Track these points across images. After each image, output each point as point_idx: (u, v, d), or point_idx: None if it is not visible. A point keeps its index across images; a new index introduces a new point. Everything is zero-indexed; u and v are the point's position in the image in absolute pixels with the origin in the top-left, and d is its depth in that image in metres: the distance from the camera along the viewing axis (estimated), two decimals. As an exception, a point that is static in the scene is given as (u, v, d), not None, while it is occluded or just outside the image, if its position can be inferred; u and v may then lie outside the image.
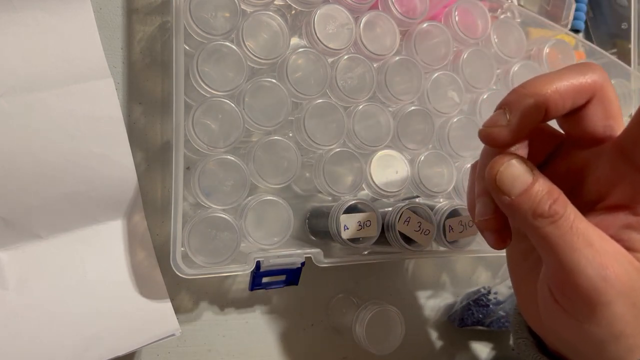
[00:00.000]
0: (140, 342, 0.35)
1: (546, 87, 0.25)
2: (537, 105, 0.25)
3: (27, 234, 0.34)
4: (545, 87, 0.25)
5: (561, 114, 0.26)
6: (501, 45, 0.43)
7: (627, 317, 0.25)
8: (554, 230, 0.24)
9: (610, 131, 0.27)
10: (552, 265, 0.25)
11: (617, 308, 0.24)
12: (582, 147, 0.28)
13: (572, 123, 0.27)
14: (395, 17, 0.39)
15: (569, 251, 0.24)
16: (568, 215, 0.24)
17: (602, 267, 0.24)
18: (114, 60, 0.37)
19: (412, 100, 0.40)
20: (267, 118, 0.35)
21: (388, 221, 0.38)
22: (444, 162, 0.41)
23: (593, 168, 0.28)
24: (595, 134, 0.27)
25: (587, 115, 0.26)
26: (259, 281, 0.37)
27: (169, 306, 0.37)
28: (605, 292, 0.24)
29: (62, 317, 0.34)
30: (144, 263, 0.37)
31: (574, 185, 0.28)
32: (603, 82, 0.26)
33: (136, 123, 0.38)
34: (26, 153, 0.33)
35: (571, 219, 0.24)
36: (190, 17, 0.33)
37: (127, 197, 0.36)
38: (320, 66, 0.37)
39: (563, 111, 0.26)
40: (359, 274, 0.46)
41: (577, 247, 0.24)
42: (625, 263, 0.25)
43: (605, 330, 0.25)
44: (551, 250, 0.24)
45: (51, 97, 0.33)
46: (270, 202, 0.35)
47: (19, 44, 0.32)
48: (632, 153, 0.25)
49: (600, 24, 0.58)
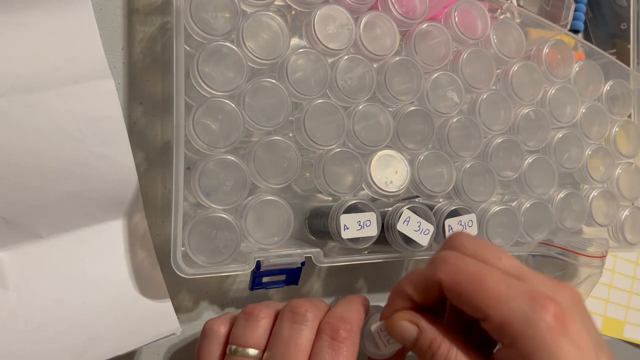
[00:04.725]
0: (140, 341, 0.35)
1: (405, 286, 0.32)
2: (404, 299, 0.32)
3: (27, 234, 0.34)
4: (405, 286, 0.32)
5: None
6: (501, 45, 0.44)
7: None
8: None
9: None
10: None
11: None
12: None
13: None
14: (395, 17, 0.39)
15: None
16: (449, 354, 0.29)
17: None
18: (115, 61, 0.37)
19: (411, 100, 0.40)
20: (267, 118, 0.35)
21: (388, 221, 0.38)
22: (444, 162, 0.41)
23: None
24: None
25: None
26: (259, 281, 0.37)
27: (169, 305, 0.37)
28: None
29: (62, 316, 0.34)
30: (144, 263, 0.37)
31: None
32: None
33: (136, 123, 0.38)
34: (26, 153, 0.33)
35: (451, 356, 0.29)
36: (191, 18, 0.33)
37: (128, 197, 0.36)
38: (320, 66, 0.37)
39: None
40: (359, 274, 0.46)
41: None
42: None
43: None
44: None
45: (51, 97, 0.33)
46: (270, 202, 0.36)
47: (20, 44, 0.32)
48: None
49: (600, 24, 0.58)
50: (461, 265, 0.29)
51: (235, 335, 0.33)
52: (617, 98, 0.53)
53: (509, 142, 0.44)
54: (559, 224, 0.47)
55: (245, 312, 0.34)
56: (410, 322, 0.31)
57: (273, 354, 0.32)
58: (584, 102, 0.49)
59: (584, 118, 0.49)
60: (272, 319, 0.34)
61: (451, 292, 0.29)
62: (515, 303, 0.26)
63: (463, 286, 0.28)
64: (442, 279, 0.29)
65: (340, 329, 0.32)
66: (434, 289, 0.30)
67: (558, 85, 0.47)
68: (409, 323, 0.31)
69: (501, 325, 0.27)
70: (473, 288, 0.28)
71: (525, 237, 0.45)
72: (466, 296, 0.28)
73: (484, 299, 0.27)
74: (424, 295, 0.31)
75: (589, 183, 0.50)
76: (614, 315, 0.61)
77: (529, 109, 0.45)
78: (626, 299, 0.62)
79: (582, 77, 0.49)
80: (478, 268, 0.28)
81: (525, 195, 0.46)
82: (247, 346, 0.33)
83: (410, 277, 0.31)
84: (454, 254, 0.30)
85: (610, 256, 0.61)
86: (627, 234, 0.52)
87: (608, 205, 0.51)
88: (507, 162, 0.44)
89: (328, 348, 0.31)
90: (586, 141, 0.49)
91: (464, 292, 0.28)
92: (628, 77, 0.53)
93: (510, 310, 0.26)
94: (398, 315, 0.31)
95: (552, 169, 0.46)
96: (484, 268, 0.28)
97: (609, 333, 0.61)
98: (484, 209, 0.43)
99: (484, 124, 0.43)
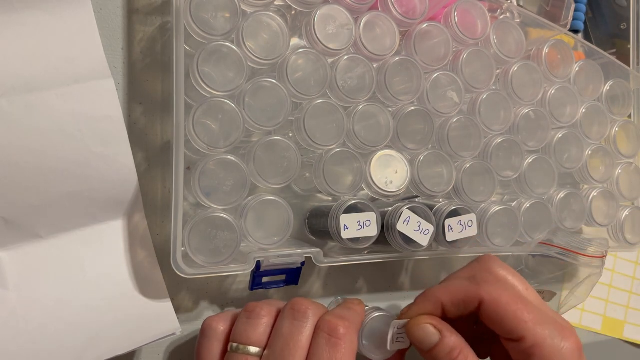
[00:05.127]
0: (140, 341, 0.35)
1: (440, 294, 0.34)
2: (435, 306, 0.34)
3: (27, 234, 0.34)
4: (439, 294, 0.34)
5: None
6: (501, 45, 0.44)
7: None
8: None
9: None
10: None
11: None
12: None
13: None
14: (395, 17, 0.39)
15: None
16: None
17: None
18: (115, 61, 0.37)
19: (411, 100, 0.40)
20: (267, 118, 0.35)
21: (388, 221, 0.38)
22: (444, 162, 0.41)
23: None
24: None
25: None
26: (259, 281, 0.37)
27: (169, 305, 0.37)
28: None
29: (62, 316, 0.34)
30: (144, 263, 0.37)
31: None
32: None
33: (136, 123, 0.38)
34: (26, 153, 0.33)
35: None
36: (191, 18, 0.33)
37: (128, 197, 0.36)
38: (320, 66, 0.37)
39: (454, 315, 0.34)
40: (359, 274, 0.46)
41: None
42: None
43: None
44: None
45: (52, 97, 0.33)
46: (270, 202, 0.36)
47: (20, 44, 0.32)
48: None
49: (600, 24, 0.58)
50: (501, 288, 0.32)
51: (236, 332, 0.33)
52: (617, 98, 0.53)
53: (509, 142, 0.44)
54: (559, 224, 0.47)
55: (247, 309, 0.34)
56: (434, 328, 0.33)
57: (273, 351, 0.32)
58: (584, 102, 0.49)
59: (584, 118, 0.49)
60: (274, 317, 0.34)
61: (490, 312, 0.31)
62: (548, 330, 0.31)
63: (503, 307, 0.31)
64: (484, 298, 0.31)
65: (339, 326, 0.32)
66: (471, 305, 0.32)
67: (558, 85, 0.47)
68: (433, 328, 0.33)
69: (533, 347, 0.30)
70: (514, 310, 0.31)
71: (525, 237, 0.45)
72: (506, 317, 0.31)
73: (522, 322, 0.30)
74: (458, 308, 0.33)
75: (589, 183, 0.50)
76: (614, 315, 0.61)
77: (529, 109, 0.45)
78: (626, 299, 0.62)
79: (582, 77, 0.49)
80: (516, 295, 0.32)
81: (525, 195, 0.46)
82: (248, 344, 0.33)
83: (449, 288, 0.34)
84: (494, 276, 0.33)
85: (610, 256, 0.61)
86: (627, 234, 0.52)
87: (608, 205, 0.51)
88: (507, 162, 0.44)
89: (326, 345, 0.31)
90: (586, 141, 0.49)
91: (504, 314, 0.31)
92: (628, 77, 0.53)
93: (543, 335, 0.30)
94: (423, 318, 0.33)
95: (552, 169, 0.46)
96: (520, 296, 0.32)
97: (609, 333, 0.61)
98: (484, 209, 0.43)
99: (484, 124, 0.43)
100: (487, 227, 0.42)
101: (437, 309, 0.34)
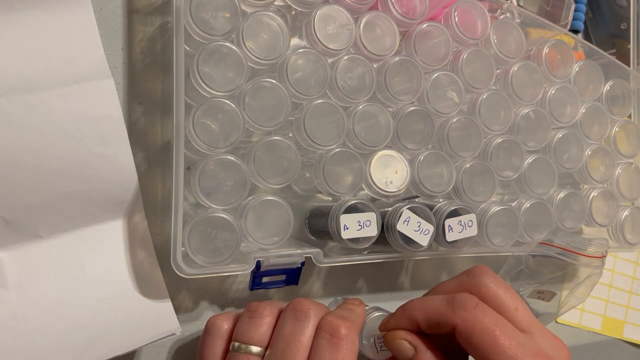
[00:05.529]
0: (140, 341, 0.35)
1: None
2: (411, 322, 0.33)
3: (27, 234, 0.34)
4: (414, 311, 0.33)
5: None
6: (501, 45, 0.44)
7: None
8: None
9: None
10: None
11: None
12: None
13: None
14: (395, 17, 0.39)
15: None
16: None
17: None
18: (115, 61, 0.37)
19: (411, 100, 0.40)
20: (267, 118, 0.35)
21: (388, 221, 0.38)
22: (444, 162, 0.41)
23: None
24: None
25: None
26: (259, 281, 0.37)
27: (169, 305, 0.37)
28: None
29: (62, 316, 0.34)
30: (144, 263, 0.37)
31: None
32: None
33: (136, 123, 0.38)
34: (26, 153, 0.33)
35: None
36: (191, 18, 0.33)
37: (128, 197, 0.36)
38: (320, 66, 0.37)
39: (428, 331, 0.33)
40: (359, 274, 0.46)
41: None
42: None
43: None
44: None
45: (52, 97, 0.33)
46: (270, 202, 0.36)
47: (20, 44, 0.32)
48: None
49: (600, 24, 0.58)
50: (479, 315, 0.30)
51: (238, 331, 0.33)
52: (617, 98, 0.53)
53: (509, 142, 0.44)
54: (559, 224, 0.47)
55: (249, 309, 0.34)
56: (409, 343, 0.32)
57: (275, 351, 0.32)
58: (584, 102, 0.49)
59: (584, 118, 0.49)
60: (276, 317, 0.34)
61: (464, 339, 0.30)
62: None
63: (477, 337, 0.29)
64: (457, 325, 0.30)
65: (340, 327, 0.32)
66: (445, 329, 0.31)
67: (558, 85, 0.47)
68: (408, 344, 0.32)
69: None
70: (488, 341, 0.29)
71: (525, 237, 0.45)
72: (480, 348, 0.29)
73: (496, 353, 0.29)
74: (432, 329, 0.32)
75: (589, 183, 0.50)
76: (614, 315, 0.61)
77: (529, 109, 0.45)
78: (626, 299, 0.62)
79: (582, 77, 0.49)
80: (494, 322, 0.30)
81: (525, 195, 0.46)
82: (250, 343, 0.33)
83: (425, 307, 0.32)
84: (473, 300, 0.31)
85: (610, 256, 0.61)
86: (627, 234, 0.52)
87: (608, 205, 0.51)
88: (507, 162, 0.44)
89: (327, 345, 0.31)
90: (586, 141, 0.49)
91: (478, 343, 0.29)
92: (628, 77, 0.53)
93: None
94: (399, 333, 0.33)
95: (552, 169, 0.46)
96: (500, 322, 0.30)
97: (609, 333, 0.61)
98: (484, 209, 0.43)
99: (484, 124, 0.43)
100: (487, 227, 0.42)
101: (413, 325, 0.33)
